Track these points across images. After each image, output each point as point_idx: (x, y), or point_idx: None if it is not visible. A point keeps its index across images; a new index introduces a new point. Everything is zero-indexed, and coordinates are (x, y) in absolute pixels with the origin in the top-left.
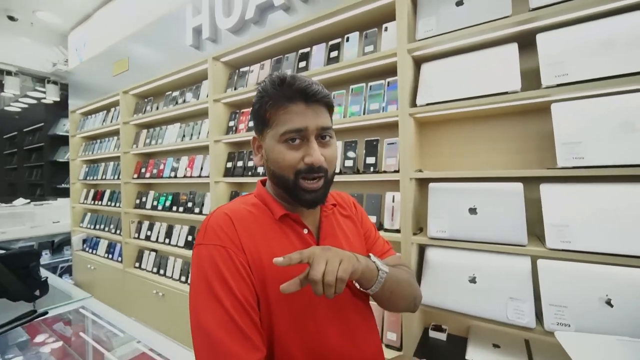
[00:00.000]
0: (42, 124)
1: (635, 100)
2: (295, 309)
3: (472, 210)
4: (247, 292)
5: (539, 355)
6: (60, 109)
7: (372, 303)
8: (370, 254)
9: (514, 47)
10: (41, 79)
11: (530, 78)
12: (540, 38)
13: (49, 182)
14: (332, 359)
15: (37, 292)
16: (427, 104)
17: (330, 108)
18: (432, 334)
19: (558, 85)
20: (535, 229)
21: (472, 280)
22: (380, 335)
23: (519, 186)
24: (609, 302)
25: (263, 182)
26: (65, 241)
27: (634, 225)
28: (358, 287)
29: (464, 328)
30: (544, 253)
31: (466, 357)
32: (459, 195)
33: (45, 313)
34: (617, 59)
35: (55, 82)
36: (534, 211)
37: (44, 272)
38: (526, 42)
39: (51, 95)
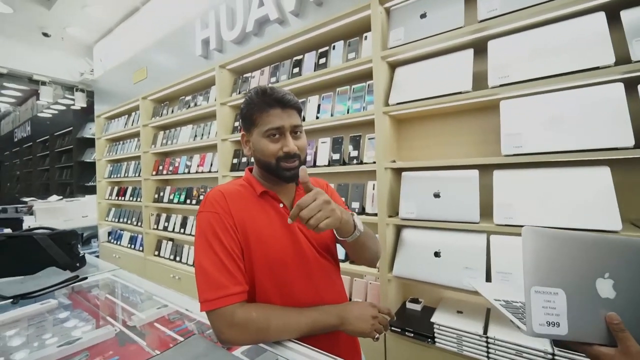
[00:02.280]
0: (71, 128)
1: (562, 97)
2: (271, 262)
3: (436, 195)
4: (234, 245)
5: (495, 321)
6: (87, 114)
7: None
8: (354, 213)
9: (469, 53)
10: (70, 87)
11: (485, 79)
12: (490, 45)
13: (77, 180)
14: (296, 296)
15: (78, 264)
16: (397, 103)
17: (299, 111)
18: (409, 305)
19: (501, 86)
20: (489, 209)
21: (437, 254)
22: (346, 293)
23: (474, 172)
24: None
25: (250, 170)
26: (93, 235)
27: (562, 202)
28: (337, 236)
29: (437, 300)
30: (492, 229)
31: (431, 320)
32: (426, 181)
33: (85, 278)
34: (547, 63)
35: (82, 90)
36: (489, 194)
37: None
38: (481, 48)
39: (79, 101)
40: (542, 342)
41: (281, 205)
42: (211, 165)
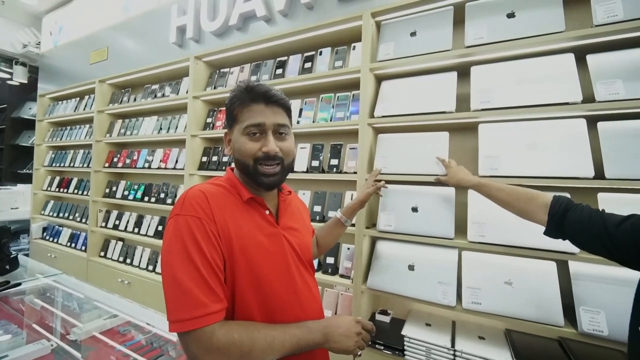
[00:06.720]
0: (5, 105)
1: (538, 126)
2: (256, 275)
3: (414, 209)
4: (216, 256)
5: (460, 332)
6: (27, 91)
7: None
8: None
9: (453, 75)
10: (8, 60)
11: (466, 101)
12: (473, 70)
13: (8, 166)
14: (280, 312)
15: (7, 267)
16: (383, 116)
17: (287, 110)
18: (379, 317)
19: (482, 110)
20: (463, 226)
21: (411, 268)
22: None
23: (451, 190)
24: (510, 285)
25: (232, 169)
26: (23, 229)
27: (530, 223)
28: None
29: (405, 312)
30: (465, 245)
31: (402, 333)
32: (404, 195)
33: (19, 284)
34: (525, 93)
35: (23, 64)
36: (463, 212)
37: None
38: (464, 72)
39: (18, 76)
40: (504, 355)
41: (267, 212)
42: (176, 161)
